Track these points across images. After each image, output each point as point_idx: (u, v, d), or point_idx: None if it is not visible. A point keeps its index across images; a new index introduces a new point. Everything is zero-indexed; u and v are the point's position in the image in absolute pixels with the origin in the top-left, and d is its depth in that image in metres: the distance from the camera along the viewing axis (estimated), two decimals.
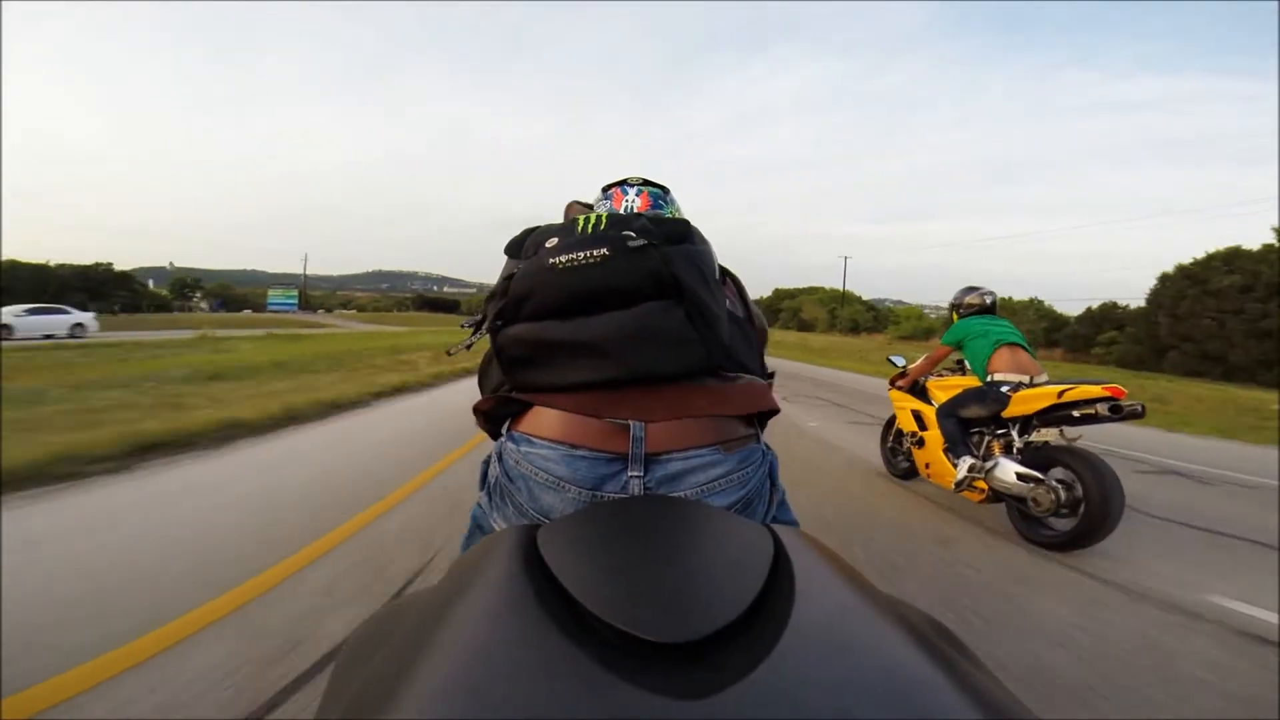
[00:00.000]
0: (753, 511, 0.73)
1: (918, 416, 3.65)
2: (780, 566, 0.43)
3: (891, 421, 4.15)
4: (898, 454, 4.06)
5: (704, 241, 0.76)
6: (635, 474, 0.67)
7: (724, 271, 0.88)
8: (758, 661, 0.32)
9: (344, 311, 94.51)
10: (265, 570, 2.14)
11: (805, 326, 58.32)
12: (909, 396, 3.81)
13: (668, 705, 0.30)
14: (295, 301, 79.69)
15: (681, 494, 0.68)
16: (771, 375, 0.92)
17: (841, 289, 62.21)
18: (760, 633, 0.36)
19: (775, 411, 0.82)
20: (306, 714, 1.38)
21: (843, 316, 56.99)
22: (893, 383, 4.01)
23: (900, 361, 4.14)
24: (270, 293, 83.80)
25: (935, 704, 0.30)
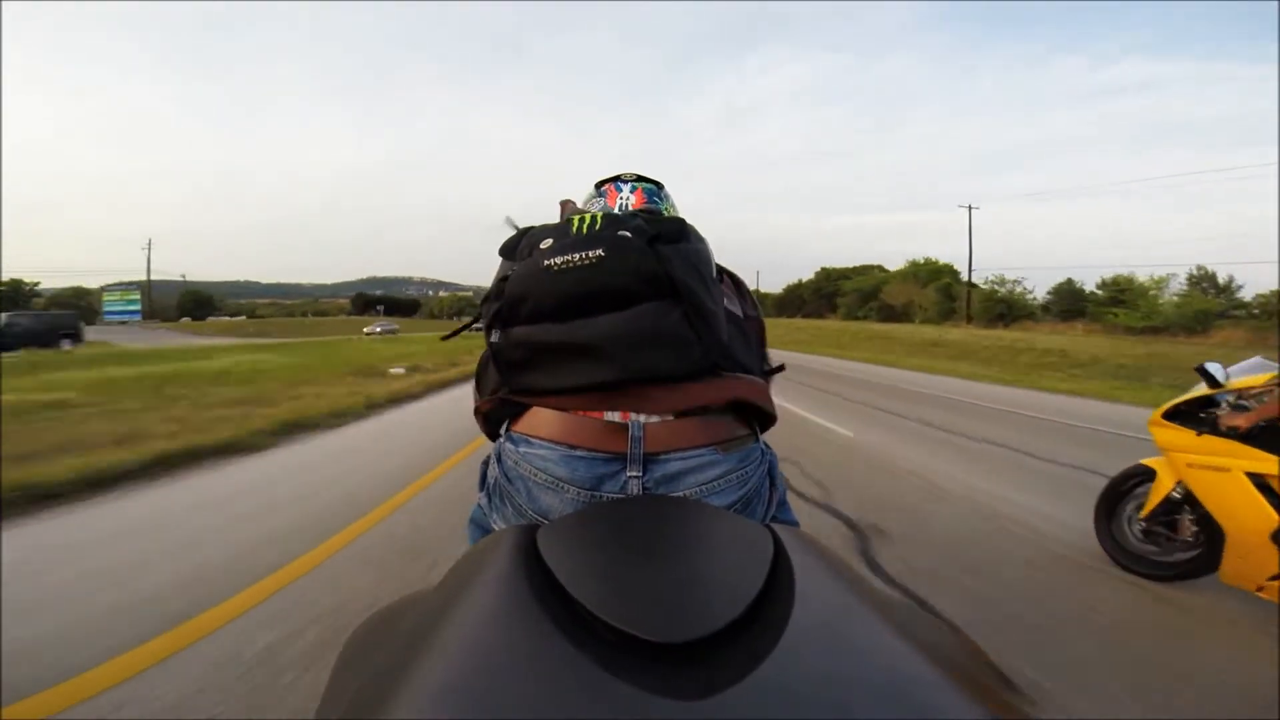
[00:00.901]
0: (752, 511, 0.73)
1: (1265, 486, 1.98)
2: (780, 566, 0.43)
3: (1134, 480, 2.52)
4: (1160, 538, 2.39)
5: (700, 239, 0.75)
6: (634, 474, 0.67)
7: (721, 269, 0.87)
8: (758, 661, 0.33)
9: (221, 320, 68.77)
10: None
11: (894, 315, 41.22)
12: (1238, 446, 2.07)
13: (667, 705, 0.30)
14: (138, 307, 59.47)
15: (680, 494, 0.68)
16: (780, 368, 0.92)
17: (969, 261, 38.00)
18: (760, 633, 0.36)
19: (773, 418, 0.81)
20: (306, 714, 1.37)
21: (975, 299, 35.69)
22: (1184, 415, 2.30)
23: (1218, 373, 2.25)
24: (105, 298, 62.22)
25: (935, 703, 0.30)
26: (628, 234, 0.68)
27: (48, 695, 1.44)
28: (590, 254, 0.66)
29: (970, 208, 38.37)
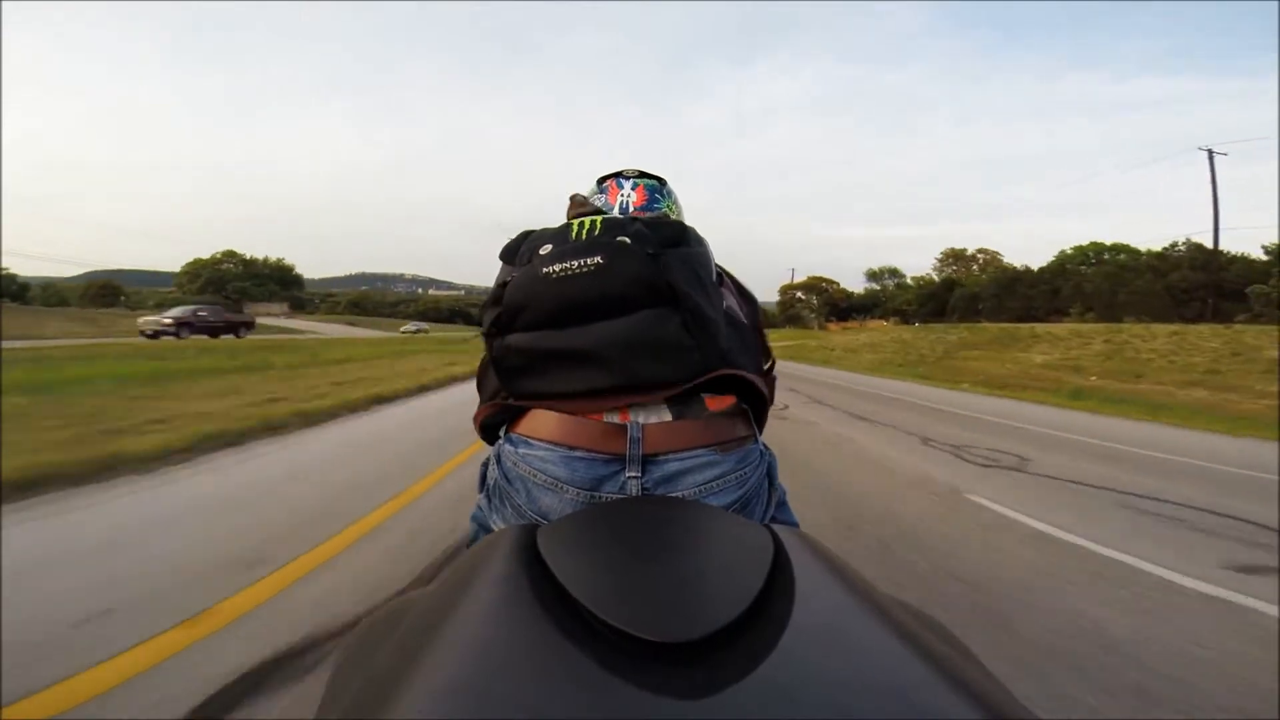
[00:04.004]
0: (751, 511, 0.73)
1: None
2: (780, 566, 0.43)
3: None
4: None
5: (701, 242, 0.75)
6: (633, 474, 0.67)
7: (722, 271, 0.87)
8: (757, 661, 0.33)
9: None
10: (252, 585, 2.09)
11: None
12: None
13: (667, 705, 0.30)
14: None
15: (679, 494, 0.68)
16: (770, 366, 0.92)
17: None
18: (760, 633, 0.36)
19: (768, 402, 0.81)
20: (307, 714, 1.36)
21: None
22: None
23: None
24: None
25: (934, 704, 0.30)
26: (627, 240, 0.68)
27: (49, 694, 1.42)
28: (589, 261, 0.66)
29: None
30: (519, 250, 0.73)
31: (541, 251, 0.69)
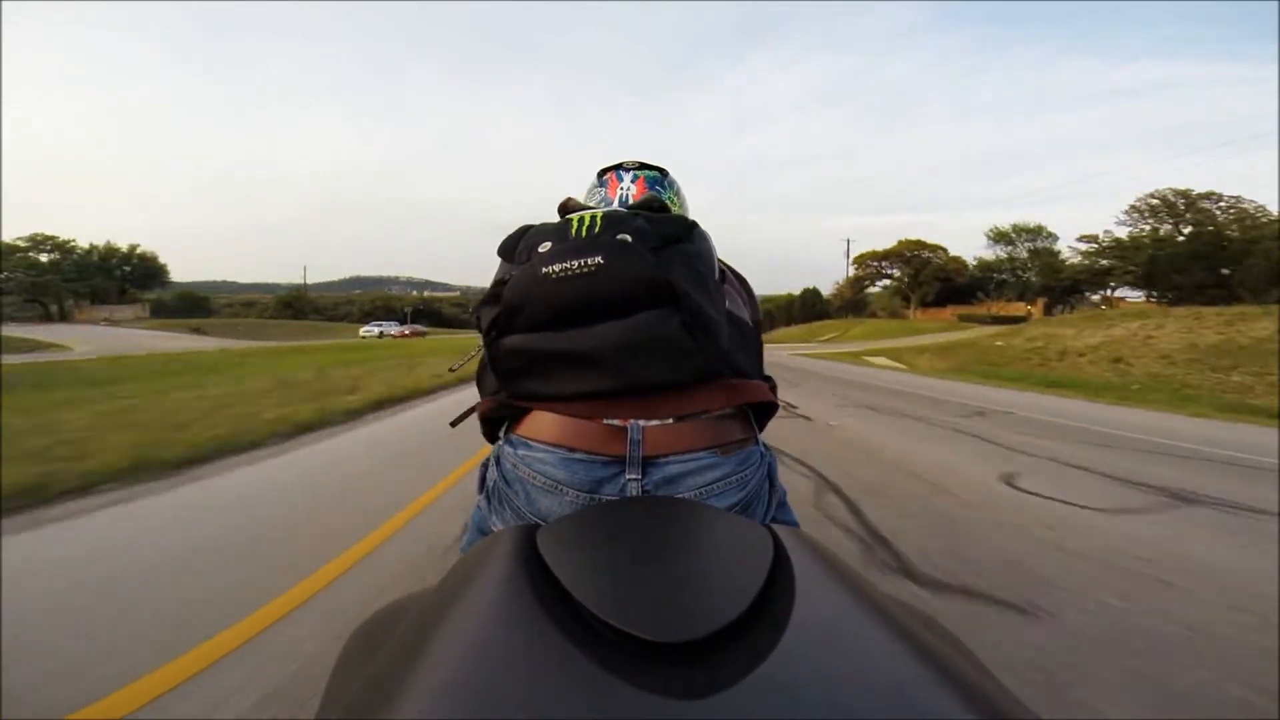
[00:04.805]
0: (752, 513, 0.73)
1: None
2: (780, 566, 0.43)
3: None
4: None
5: (703, 238, 0.74)
6: (633, 477, 0.67)
7: (724, 268, 0.86)
8: (757, 661, 0.33)
9: None
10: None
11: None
12: None
13: (667, 705, 0.30)
14: None
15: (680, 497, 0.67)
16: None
17: None
18: (760, 633, 0.36)
19: (774, 407, 0.81)
20: (306, 713, 1.35)
21: None
22: None
23: None
24: None
25: (934, 704, 0.30)
26: (628, 238, 0.67)
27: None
28: (589, 261, 0.65)
29: None
30: (517, 247, 0.72)
31: (540, 249, 0.68)
